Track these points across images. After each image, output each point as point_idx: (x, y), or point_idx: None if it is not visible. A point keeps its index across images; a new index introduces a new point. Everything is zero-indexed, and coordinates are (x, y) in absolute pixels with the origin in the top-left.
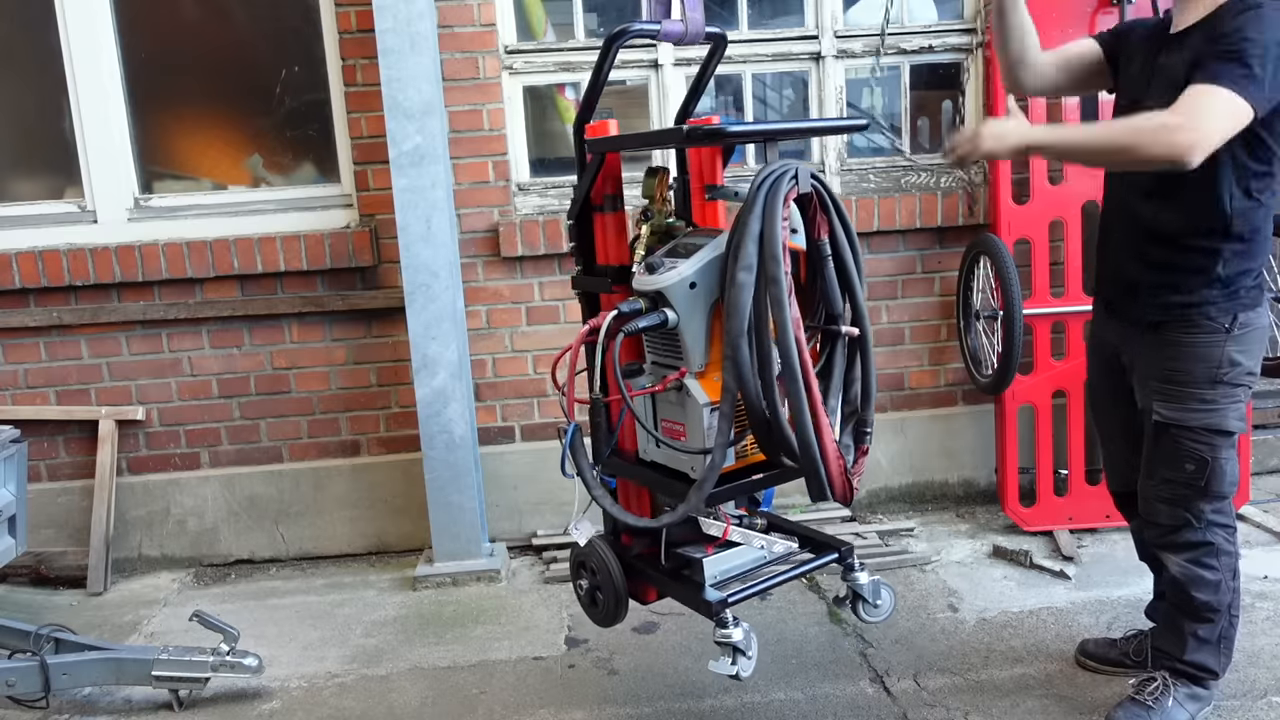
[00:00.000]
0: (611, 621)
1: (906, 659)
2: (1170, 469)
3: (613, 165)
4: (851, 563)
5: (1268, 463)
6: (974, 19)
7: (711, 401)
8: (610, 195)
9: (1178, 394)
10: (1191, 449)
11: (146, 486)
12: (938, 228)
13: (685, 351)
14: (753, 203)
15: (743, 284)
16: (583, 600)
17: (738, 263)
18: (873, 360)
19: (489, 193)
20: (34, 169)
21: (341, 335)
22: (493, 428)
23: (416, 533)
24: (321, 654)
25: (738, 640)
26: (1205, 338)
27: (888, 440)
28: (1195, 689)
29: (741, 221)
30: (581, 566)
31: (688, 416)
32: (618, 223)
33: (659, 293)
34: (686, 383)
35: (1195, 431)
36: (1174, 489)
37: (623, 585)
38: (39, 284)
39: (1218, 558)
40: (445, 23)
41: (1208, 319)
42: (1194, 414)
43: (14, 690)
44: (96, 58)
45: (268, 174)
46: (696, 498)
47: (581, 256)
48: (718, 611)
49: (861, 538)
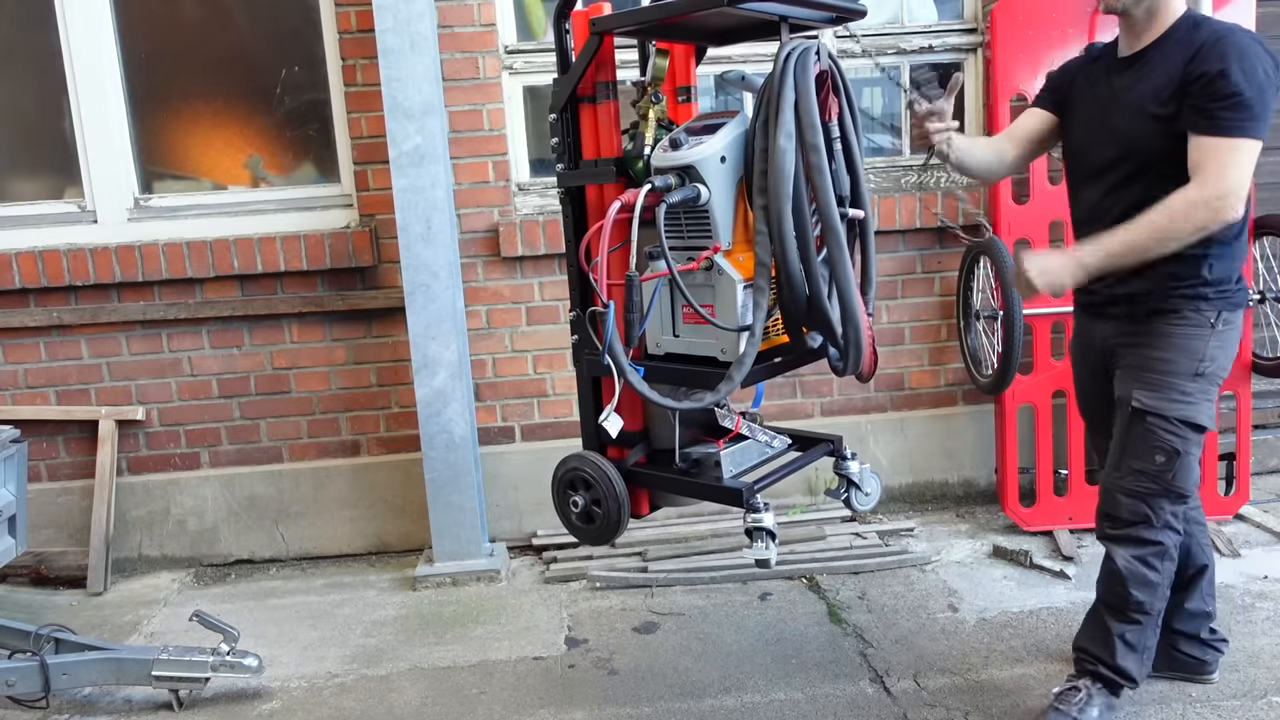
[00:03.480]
0: (612, 536)
1: (906, 659)
2: (1140, 459)
3: (609, 50)
4: (842, 452)
5: (1268, 463)
6: (974, 19)
7: (746, 279)
8: (604, 83)
9: (1159, 383)
10: (1165, 439)
11: (146, 486)
12: (938, 228)
13: (715, 228)
14: (783, 73)
15: (785, 150)
16: (576, 520)
17: (779, 130)
18: (873, 244)
19: (489, 193)
20: (34, 169)
21: (341, 335)
22: (493, 428)
23: (416, 533)
24: (321, 654)
25: (770, 525)
26: (1192, 330)
27: (888, 440)
28: (1112, 699)
29: (773, 92)
30: (571, 485)
31: (719, 296)
32: (609, 113)
33: (689, 167)
34: (718, 260)
35: (1171, 422)
36: (1140, 481)
37: (625, 493)
38: (39, 284)
39: (1163, 561)
40: (445, 23)
41: (1196, 312)
42: (1172, 404)
43: (14, 690)
44: (96, 58)
45: (268, 174)
46: (739, 374)
47: (566, 152)
48: (749, 498)
49: (861, 537)
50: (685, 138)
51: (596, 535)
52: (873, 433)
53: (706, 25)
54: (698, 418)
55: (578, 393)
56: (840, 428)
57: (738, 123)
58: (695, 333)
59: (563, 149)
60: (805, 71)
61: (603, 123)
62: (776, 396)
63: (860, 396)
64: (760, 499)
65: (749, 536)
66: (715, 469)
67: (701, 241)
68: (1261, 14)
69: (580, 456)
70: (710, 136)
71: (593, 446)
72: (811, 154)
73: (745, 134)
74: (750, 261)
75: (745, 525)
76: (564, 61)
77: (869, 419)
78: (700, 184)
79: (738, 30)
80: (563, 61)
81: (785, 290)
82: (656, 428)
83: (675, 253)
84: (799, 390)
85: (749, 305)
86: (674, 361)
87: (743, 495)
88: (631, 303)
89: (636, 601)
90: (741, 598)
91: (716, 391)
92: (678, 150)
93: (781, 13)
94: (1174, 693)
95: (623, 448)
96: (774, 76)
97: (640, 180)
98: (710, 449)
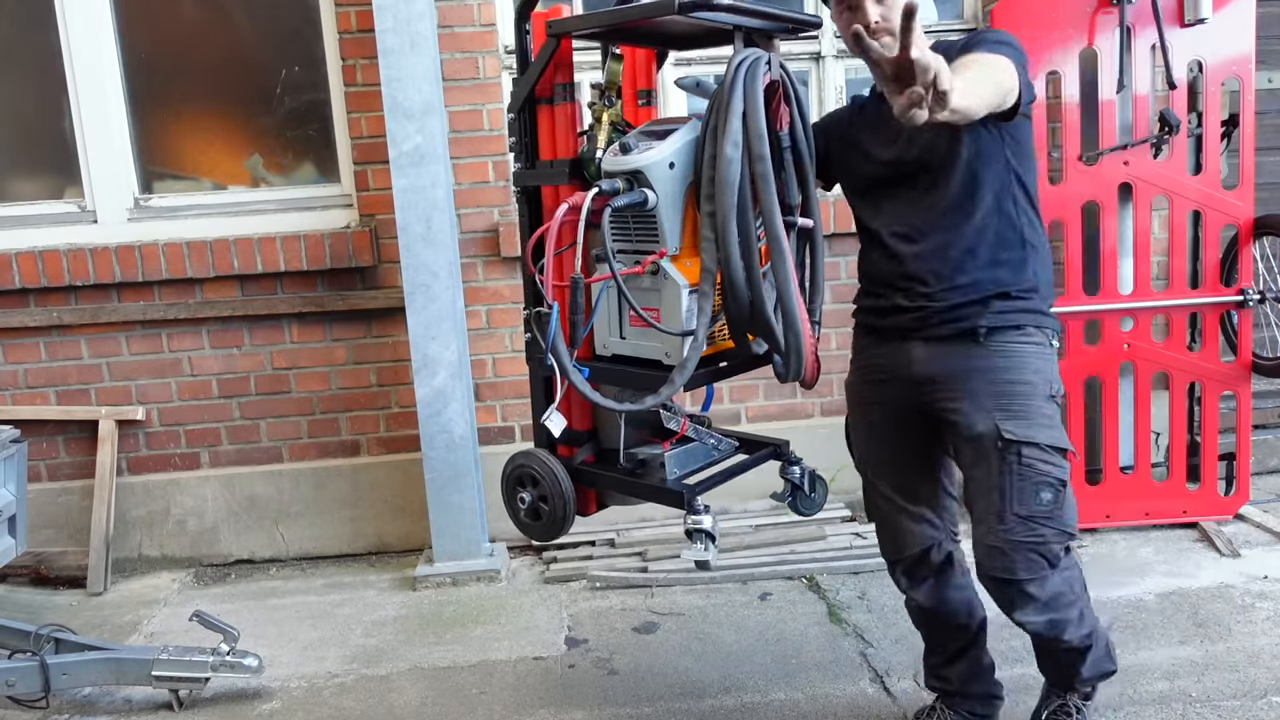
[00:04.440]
0: (558, 532)
1: (906, 659)
2: (1024, 503)
3: (566, 52)
4: (788, 456)
5: (1268, 463)
6: (974, 19)
7: (691, 284)
8: (562, 85)
9: (1023, 409)
10: (1047, 471)
11: (146, 486)
12: None
13: (662, 233)
14: (733, 83)
15: (730, 159)
16: (523, 517)
17: (725, 139)
18: (822, 252)
19: (489, 193)
20: (34, 169)
21: (341, 335)
22: (493, 428)
23: (416, 533)
24: (321, 654)
25: (709, 527)
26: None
27: None
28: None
29: (722, 101)
30: (520, 481)
31: (664, 300)
32: (567, 115)
33: (637, 172)
34: (663, 265)
35: (1046, 450)
36: (1031, 529)
37: (571, 491)
38: (39, 284)
39: (1071, 588)
40: (445, 23)
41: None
42: (1044, 430)
43: (14, 690)
44: (96, 58)
45: (268, 174)
46: (681, 378)
47: (524, 152)
48: (690, 499)
49: (861, 537)
50: (636, 142)
51: (543, 531)
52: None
53: (666, 30)
54: (647, 419)
55: (530, 391)
56: (840, 427)
57: (689, 129)
58: (641, 335)
59: (520, 148)
60: (755, 81)
61: (560, 124)
62: (777, 397)
63: None
64: (701, 502)
65: (689, 537)
66: (660, 470)
67: (648, 245)
68: (1262, 14)
69: (528, 454)
70: (660, 142)
71: (543, 444)
72: (757, 163)
73: (696, 140)
74: (696, 267)
75: (685, 526)
76: (524, 62)
77: None
78: (648, 189)
79: (700, 36)
80: (523, 62)
81: (728, 296)
82: (605, 428)
83: (623, 256)
84: (798, 390)
85: (693, 310)
86: (620, 363)
87: (684, 497)
88: (575, 304)
89: (636, 601)
90: (741, 598)
91: (657, 394)
92: (627, 155)
93: (735, 22)
94: (1174, 693)
95: (572, 446)
96: (723, 85)
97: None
98: (656, 450)
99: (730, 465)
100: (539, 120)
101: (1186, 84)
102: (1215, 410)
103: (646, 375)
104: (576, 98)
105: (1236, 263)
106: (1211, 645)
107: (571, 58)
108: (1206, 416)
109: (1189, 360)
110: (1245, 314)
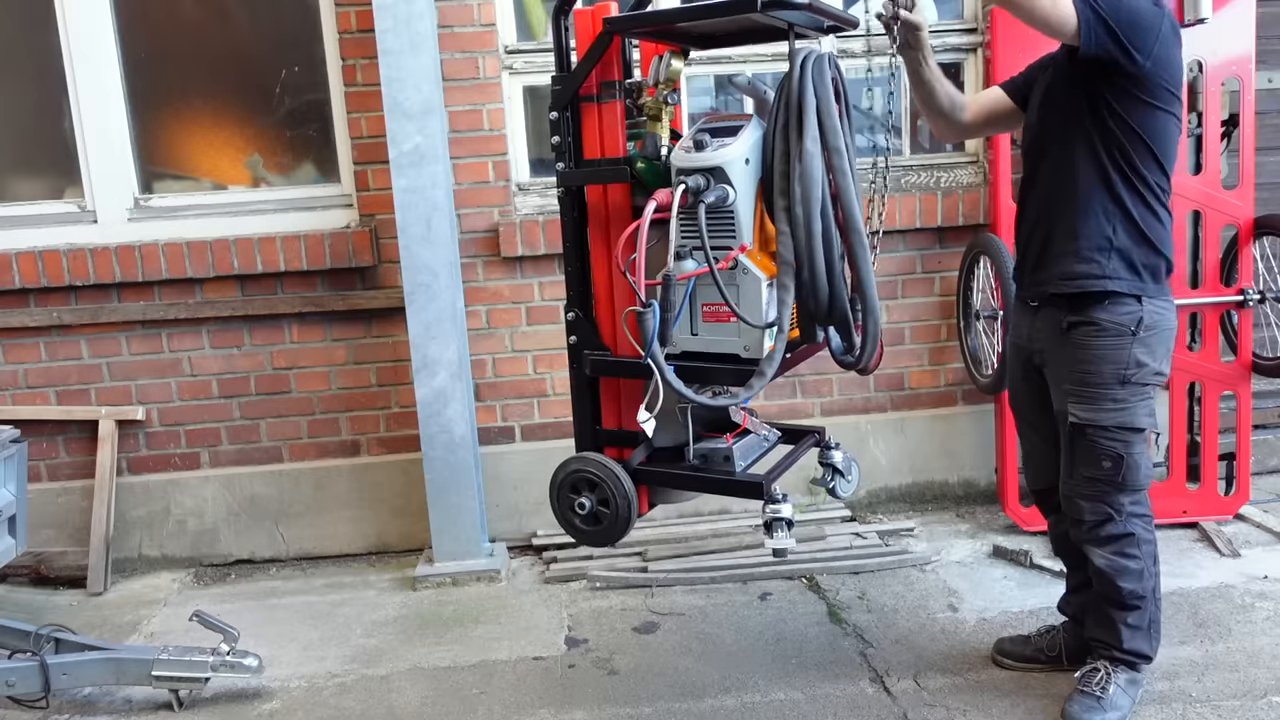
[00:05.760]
0: (620, 535)
1: (906, 659)
2: (1089, 467)
3: (615, 50)
4: (827, 441)
5: (1268, 463)
6: (974, 19)
7: (769, 276)
8: (609, 83)
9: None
10: (1108, 447)
11: (146, 486)
12: (938, 228)
13: (739, 228)
14: (803, 78)
15: (811, 154)
16: (582, 523)
17: (804, 135)
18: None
19: (489, 193)
20: (34, 169)
21: (341, 335)
22: (493, 428)
23: (416, 533)
24: (321, 654)
25: (789, 514)
26: (1111, 340)
27: (888, 440)
28: (1132, 674)
29: (793, 97)
30: (576, 487)
31: (744, 294)
32: (614, 113)
33: (716, 168)
34: (742, 259)
35: (1109, 430)
36: (1094, 485)
37: (634, 492)
38: (39, 284)
39: (1139, 547)
40: (445, 23)
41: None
42: (1107, 414)
43: (14, 690)
44: (96, 58)
45: (268, 174)
46: (771, 369)
47: (568, 151)
48: (768, 489)
49: (861, 537)
50: (709, 139)
51: (603, 536)
52: (872, 433)
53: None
54: (702, 414)
55: (573, 395)
56: (840, 427)
57: (755, 125)
58: (715, 330)
59: (564, 148)
60: (823, 77)
61: (606, 122)
62: (777, 396)
63: (860, 396)
64: (778, 490)
65: (767, 528)
66: (725, 463)
67: (722, 241)
68: (1262, 14)
69: (582, 458)
70: (733, 139)
71: (587, 447)
72: (835, 157)
73: (763, 137)
74: (768, 260)
75: (764, 517)
76: (562, 59)
77: (869, 419)
78: (727, 184)
79: (733, 35)
80: (561, 59)
81: (809, 288)
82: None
83: (697, 254)
84: (799, 390)
85: (773, 302)
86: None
87: (762, 487)
88: (669, 302)
89: (636, 601)
90: (741, 598)
91: (749, 387)
92: (703, 152)
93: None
94: (1174, 692)
95: (620, 447)
96: (792, 82)
97: (645, 181)
98: (718, 444)
99: (783, 454)
100: (583, 119)
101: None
102: (1215, 410)
103: (729, 370)
104: (623, 95)
105: (1236, 263)
106: (1211, 645)
107: (622, 55)
108: (1206, 416)
109: (1189, 360)
110: (1245, 314)
